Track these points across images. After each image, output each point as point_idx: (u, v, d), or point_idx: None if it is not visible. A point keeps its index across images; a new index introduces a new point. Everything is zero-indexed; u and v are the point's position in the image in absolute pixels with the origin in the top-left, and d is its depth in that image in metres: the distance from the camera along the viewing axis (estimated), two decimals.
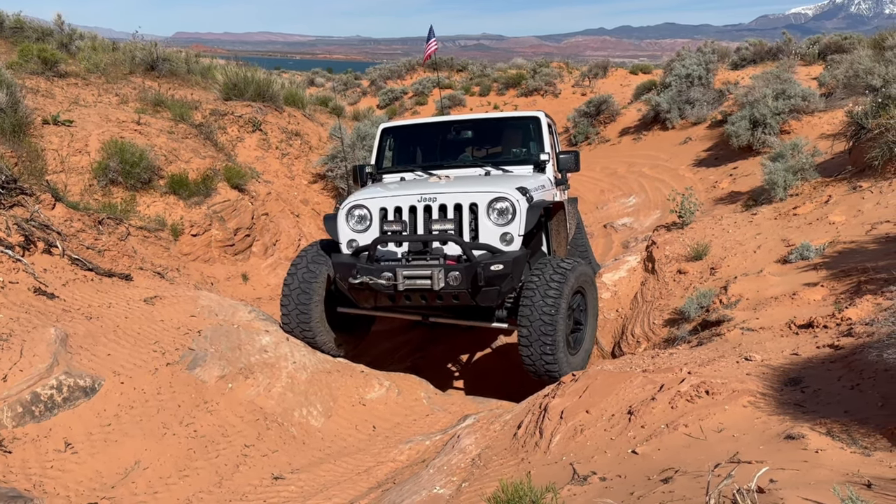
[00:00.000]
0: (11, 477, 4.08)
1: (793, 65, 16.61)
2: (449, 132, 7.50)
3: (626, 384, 4.06)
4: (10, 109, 7.90)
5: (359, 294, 5.57)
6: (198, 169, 9.59)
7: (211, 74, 13.84)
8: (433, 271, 5.16)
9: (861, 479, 2.37)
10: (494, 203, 5.50)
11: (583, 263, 5.94)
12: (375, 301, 5.58)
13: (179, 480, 4.45)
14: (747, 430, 3.20)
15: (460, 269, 5.18)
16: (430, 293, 5.30)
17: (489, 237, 5.51)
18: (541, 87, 26.09)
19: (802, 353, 4.12)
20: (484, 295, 5.35)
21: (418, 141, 7.66)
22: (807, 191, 8.08)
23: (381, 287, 5.28)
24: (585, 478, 3.23)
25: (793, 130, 11.89)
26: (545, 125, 7.00)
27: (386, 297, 5.46)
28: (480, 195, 5.54)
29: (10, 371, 4.59)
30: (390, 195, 5.77)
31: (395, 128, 7.62)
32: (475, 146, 7.46)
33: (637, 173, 14.64)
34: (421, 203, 5.60)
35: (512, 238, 5.49)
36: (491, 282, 5.26)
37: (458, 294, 5.29)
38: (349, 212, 5.86)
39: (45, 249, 6.05)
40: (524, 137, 7.25)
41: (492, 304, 5.47)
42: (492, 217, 5.51)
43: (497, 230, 5.51)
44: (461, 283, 5.19)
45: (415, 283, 5.24)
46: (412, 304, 5.52)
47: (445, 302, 5.41)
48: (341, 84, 36.26)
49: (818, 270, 5.74)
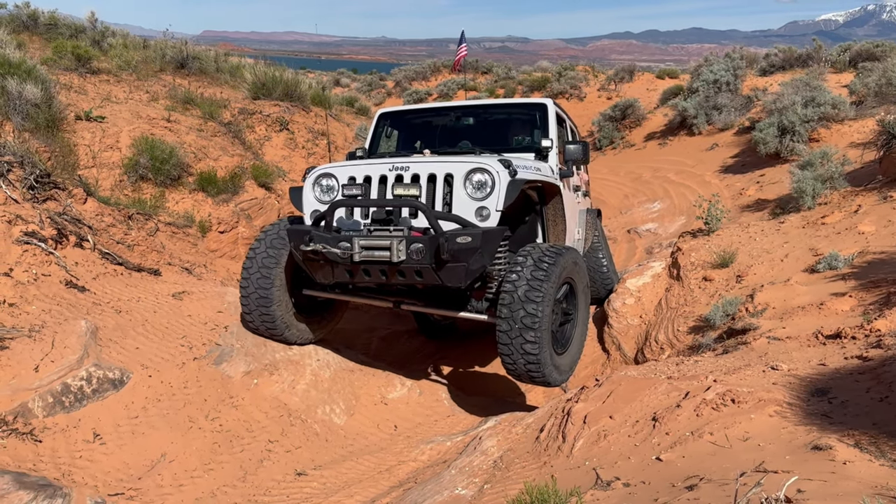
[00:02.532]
0: (41, 466, 4.17)
1: (823, 72, 16.43)
2: (449, 119, 7.08)
3: (650, 390, 4.05)
4: (45, 105, 8.05)
5: (314, 266, 5.07)
6: (226, 167, 9.70)
7: (239, 73, 13.98)
8: (392, 242, 4.65)
9: (890, 492, 2.35)
10: (471, 174, 4.98)
11: (573, 250, 5.45)
12: (333, 275, 5.02)
13: (204, 474, 4.52)
14: (773, 440, 3.18)
15: (423, 240, 4.66)
16: (390, 267, 4.77)
17: (464, 211, 4.96)
18: (566, 90, 26.01)
19: (830, 364, 4.09)
20: (449, 272, 4.78)
21: (417, 127, 7.25)
22: (836, 200, 7.99)
23: (335, 257, 4.78)
24: (609, 483, 3.23)
25: (821, 138, 11.76)
26: (552, 114, 6.57)
27: (343, 270, 4.93)
28: (457, 165, 5.05)
29: (42, 362, 4.69)
30: (361, 164, 5.33)
31: (392, 113, 7.26)
32: (476, 134, 6.90)
33: (662, 179, 14.55)
34: (392, 172, 5.11)
35: (489, 214, 4.92)
36: (456, 256, 4.69)
37: (421, 269, 4.75)
38: (316, 181, 5.40)
39: (77, 243, 6.16)
40: (529, 126, 6.75)
41: (459, 283, 4.85)
42: (468, 189, 4.98)
43: (473, 204, 4.97)
44: (424, 256, 4.66)
45: (372, 254, 4.71)
46: (372, 279, 4.96)
47: (408, 279, 4.85)
48: (366, 85, 36.46)
49: (846, 280, 5.67)
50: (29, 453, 4.20)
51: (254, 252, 5.72)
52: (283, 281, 5.66)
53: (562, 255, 5.14)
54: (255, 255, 5.68)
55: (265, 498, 4.40)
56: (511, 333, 4.92)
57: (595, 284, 8.22)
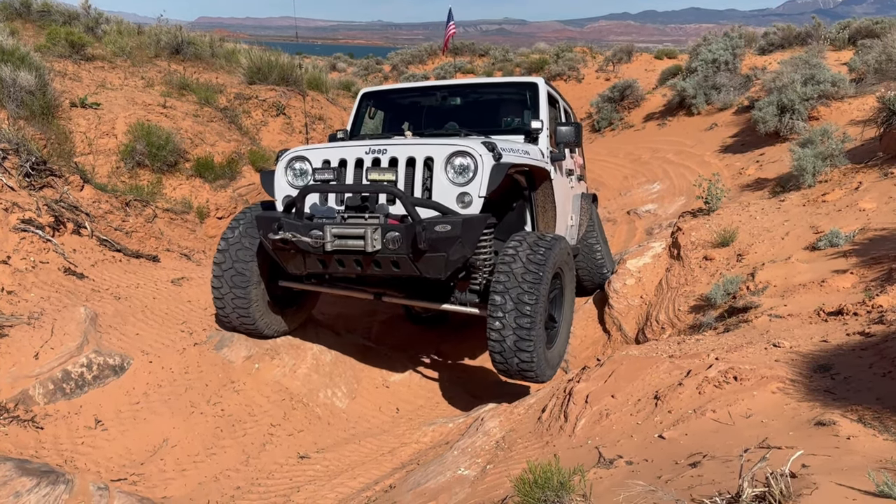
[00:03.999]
0: (43, 452, 4.17)
1: (822, 50, 16.30)
2: (435, 99, 6.70)
3: (652, 369, 4.04)
4: (39, 92, 7.99)
5: (285, 256, 4.79)
6: (223, 152, 9.66)
7: (235, 58, 13.89)
8: (367, 230, 4.36)
9: (895, 466, 2.35)
10: (453, 158, 4.67)
11: (562, 239, 5.16)
12: (305, 265, 4.76)
13: (207, 458, 4.52)
14: (776, 416, 3.18)
15: (400, 229, 4.38)
16: (364, 257, 4.48)
17: (444, 197, 4.65)
18: (564, 71, 25.86)
19: (832, 341, 4.07)
20: (428, 262, 4.50)
21: (402, 108, 6.87)
22: (836, 177, 7.95)
23: (306, 246, 4.49)
24: (611, 461, 3.23)
25: (821, 116, 11.69)
26: (543, 94, 6.23)
27: (316, 260, 4.65)
28: (437, 148, 4.73)
29: (42, 349, 4.67)
30: (337, 147, 5.00)
31: (376, 93, 6.90)
32: (464, 115, 6.51)
33: (661, 159, 14.49)
34: (369, 155, 4.79)
35: (471, 200, 4.62)
36: (435, 246, 4.41)
37: (398, 260, 4.48)
38: (288, 164, 5.08)
39: (74, 230, 6.13)
40: (520, 106, 6.39)
41: (439, 275, 4.58)
42: (449, 174, 4.67)
43: (454, 190, 4.65)
44: (400, 246, 4.38)
45: (346, 243, 4.42)
46: (347, 270, 4.66)
47: (384, 270, 4.57)
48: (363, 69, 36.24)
49: (848, 257, 5.65)
50: (31, 440, 4.19)
51: (226, 243, 5.37)
52: (259, 273, 5.35)
53: (553, 247, 4.88)
54: (227, 248, 5.34)
55: (268, 481, 4.40)
56: (504, 332, 4.67)
57: (588, 274, 8.06)
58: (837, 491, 2.09)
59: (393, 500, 3.77)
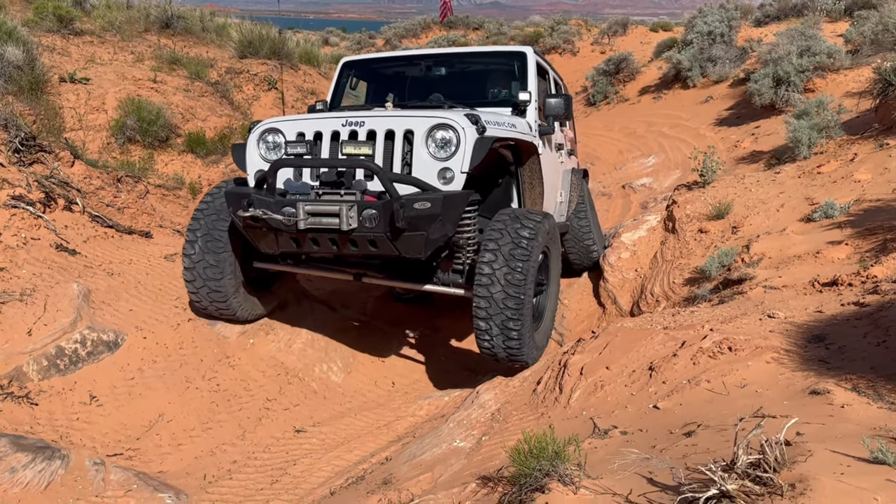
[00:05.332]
0: (38, 428, 4.17)
1: (818, 21, 16.18)
2: (419, 68, 6.38)
3: (647, 341, 4.04)
4: (28, 67, 7.88)
5: (256, 234, 4.55)
6: (215, 127, 9.57)
7: (226, 32, 13.73)
8: (342, 208, 4.11)
9: (889, 434, 2.35)
10: (434, 131, 4.42)
11: (549, 216, 4.94)
12: (277, 244, 4.51)
13: (203, 433, 4.53)
14: (771, 386, 3.19)
15: (377, 206, 4.14)
16: (340, 236, 4.24)
17: (425, 172, 4.42)
18: (559, 45, 25.64)
19: (826, 311, 4.08)
20: (407, 242, 4.27)
21: (386, 78, 6.59)
22: (832, 149, 7.92)
23: (278, 224, 4.24)
24: (606, 431, 3.24)
25: (817, 88, 11.62)
26: (532, 64, 5.93)
27: (289, 239, 4.41)
28: (418, 120, 4.48)
29: (35, 325, 4.65)
30: (312, 118, 4.75)
31: (357, 62, 6.57)
32: (449, 85, 6.22)
33: (657, 133, 14.43)
34: (346, 128, 4.54)
35: (453, 176, 4.39)
36: (414, 224, 4.17)
37: (375, 239, 4.24)
38: (261, 137, 4.81)
39: (66, 206, 6.08)
40: (507, 77, 6.12)
41: (419, 255, 4.37)
42: (430, 148, 4.44)
43: (435, 165, 4.41)
44: (378, 224, 4.14)
45: (320, 221, 4.17)
46: (322, 249, 4.43)
47: (361, 249, 4.34)
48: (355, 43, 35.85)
49: (843, 229, 5.65)
50: (25, 416, 4.19)
51: (198, 223, 5.07)
52: (233, 254, 5.09)
53: (543, 223, 4.67)
54: (199, 227, 5.05)
55: (264, 455, 4.42)
56: (491, 311, 4.46)
57: (577, 255, 7.84)
58: (832, 458, 2.09)
59: (389, 471, 3.78)
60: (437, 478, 3.47)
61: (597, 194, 11.60)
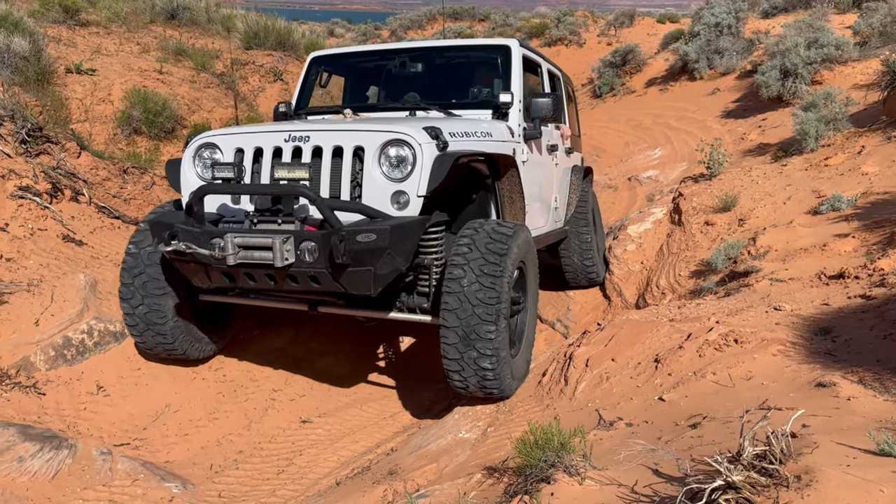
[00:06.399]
0: (46, 418, 4.20)
1: (826, 13, 16.06)
2: (394, 64, 5.74)
3: (652, 333, 4.04)
4: (34, 58, 7.87)
5: (186, 269, 4.01)
6: (220, 119, 9.57)
7: (231, 23, 13.71)
8: (275, 241, 3.56)
9: (895, 426, 2.35)
10: (387, 147, 3.83)
11: (523, 228, 4.31)
12: (210, 279, 3.95)
13: (209, 423, 4.56)
14: (777, 379, 3.19)
15: (316, 238, 3.60)
16: (277, 272, 3.69)
17: (376, 196, 3.81)
18: (565, 36, 25.52)
19: (833, 304, 4.07)
20: (352, 278, 3.67)
21: (361, 75, 6.05)
22: (839, 141, 7.88)
23: (205, 259, 3.72)
24: (611, 423, 3.25)
25: (825, 81, 11.54)
26: (517, 59, 5.25)
27: (221, 274, 3.86)
28: (369, 135, 3.88)
29: (42, 316, 4.68)
30: (254, 131, 4.18)
31: (326, 57, 5.98)
32: (427, 84, 5.66)
33: (663, 125, 14.37)
34: (289, 144, 3.94)
35: (407, 200, 3.79)
36: (358, 259, 3.58)
37: (317, 275, 3.68)
38: (196, 153, 4.24)
39: (72, 197, 6.09)
40: (490, 74, 5.55)
41: (367, 292, 3.77)
42: (383, 167, 3.84)
43: (389, 187, 3.81)
44: (318, 258, 3.59)
45: (251, 255, 3.65)
46: (259, 285, 3.87)
47: (302, 285, 3.78)
48: (361, 35, 35.80)
49: (850, 221, 5.63)
50: (33, 406, 4.22)
51: (131, 261, 4.42)
52: (176, 292, 4.46)
53: (516, 234, 4.08)
54: (134, 266, 4.41)
55: (270, 445, 4.44)
56: (461, 347, 3.84)
57: (573, 268, 7.06)
58: (838, 450, 2.09)
59: (394, 462, 3.80)
60: (443, 468, 3.48)
61: (602, 187, 11.58)
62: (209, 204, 4.04)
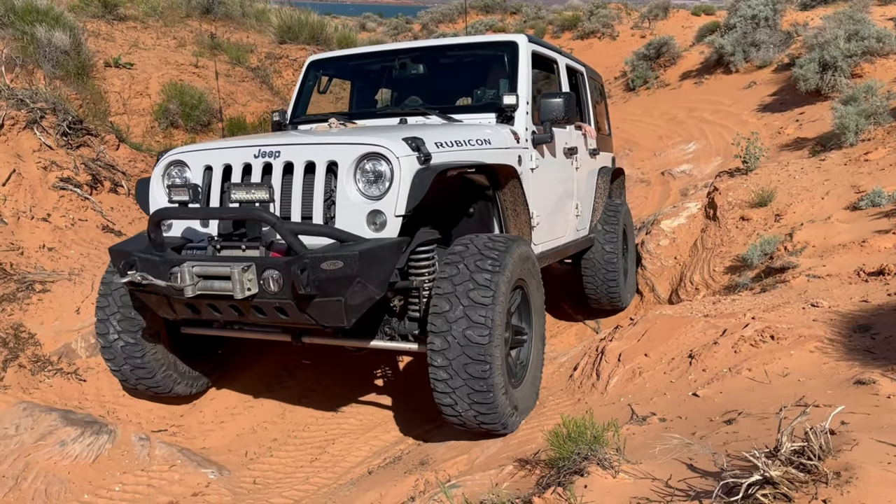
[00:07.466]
0: (87, 404, 4.30)
1: (867, 4, 15.69)
2: (394, 66, 5.37)
3: (686, 328, 4.01)
4: (74, 52, 8.04)
5: (148, 300, 3.73)
6: (255, 112, 9.67)
7: (265, 17, 13.83)
8: (233, 270, 3.21)
9: None
10: (363, 162, 3.45)
11: (521, 241, 3.83)
12: (174, 311, 3.64)
13: (244, 411, 4.63)
14: (814, 375, 3.14)
15: (280, 265, 3.24)
16: (242, 304, 3.35)
17: (351, 216, 3.44)
18: (598, 29, 25.31)
19: (872, 301, 4.00)
20: (320, 309, 3.31)
21: (366, 78, 5.73)
22: (880, 136, 7.72)
23: (164, 290, 3.41)
24: (644, 418, 3.23)
25: (865, 74, 11.30)
26: (525, 57, 4.77)
27: (184, 305, 3.54)
28: (343, 149, 3.50)
29: (83, 304, 4.79)
30: (223, 147, 3.83)
31: (324, 61, 5.62)
32: (430, 85, 5.32)
33: (698, 118, 14.19)
34: (259, 160, 3.60)
35: (384, 221, 3.40)
36: (325, 288, 3.21)
37: (283, 306, 3.33)
38: (165, 171, 3.92)
39: (111, 189, 6.22)
40: (496, 73, 5.08)
41: (340, 324, 3.37)
42: (359, 184, 3.46)
43: (365, 205, 3.43)
44: (283, 288, 3.24)
45: (211, 286, 3.32)
46: (225, 316, 3.57)
47: (270, 318, 3.44)
48: (392, 29, 35.85)
49: (890, 217, 5.52)
50: (74, 392, 4.33)
51: (106, 298, 4.11)
52: (155, 326, 4.18)
53: (508, 251, 3.58)
54: (108, 304, 4.10)
55: (304, 433, 4.50)
56: (452, 382, 3.40)
57: (594, 287, 6.37)
58: (878, 447, 2.07)
59: (426, 452, 3.83)
60: (474, 460, 3.50)
61: (635, 181, 11.48)
62: (177, 228, 3.82)
